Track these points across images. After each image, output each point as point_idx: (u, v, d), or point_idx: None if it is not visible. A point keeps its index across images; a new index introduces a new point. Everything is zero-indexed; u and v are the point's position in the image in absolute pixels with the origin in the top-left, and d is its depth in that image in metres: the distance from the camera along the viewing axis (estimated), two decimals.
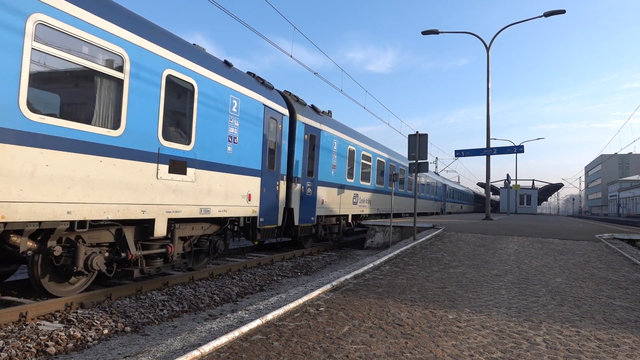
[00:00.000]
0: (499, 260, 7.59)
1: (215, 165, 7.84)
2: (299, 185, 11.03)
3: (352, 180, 14.82)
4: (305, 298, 4.59)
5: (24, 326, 4.91)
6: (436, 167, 51.86)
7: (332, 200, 13.26)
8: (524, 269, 6.84)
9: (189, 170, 7.20)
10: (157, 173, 6.52)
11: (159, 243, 7.05)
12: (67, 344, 4.53)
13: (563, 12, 18.88)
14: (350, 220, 15.00)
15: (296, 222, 10.98)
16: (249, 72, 9.55)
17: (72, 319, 5.23)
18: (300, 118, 11.16)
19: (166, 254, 7.12)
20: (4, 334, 4.64)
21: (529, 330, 3.76)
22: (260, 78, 9.73)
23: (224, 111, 8.12)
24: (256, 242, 10.66)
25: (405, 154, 20.35)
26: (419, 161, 11.37)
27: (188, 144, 7.20)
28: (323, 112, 13.30)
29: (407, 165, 21.79)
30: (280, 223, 10.33)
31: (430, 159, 61.02)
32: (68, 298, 5.68)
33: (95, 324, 5.14)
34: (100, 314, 5.50)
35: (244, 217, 9.06)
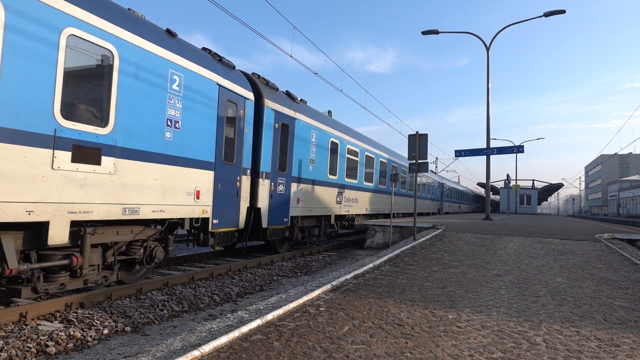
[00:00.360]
0: (499, 260, 7.59)
1: (146, 154, 6.39)
2: (267, 182, 9.69)
3: (335, 177, 13.44)
4: (305, 298, 4.59)
5: (24, 326, 4.91)
6: (436, 167, 51.86)
7: (311, 199, 11.88)
8: (524, 269, 6.84)
9: (106, 159, 5.73)
10: (53, 162, 5.06)
11: (62, 253, 5.58)
12: (67, 344, 4.53)
13: (563, 12, 18.88)
14: (333, 221, 13.65)
15: (264, 224, 9.63)
16: (204, 48, 8.31)
17: (72, 319, 5.23)
18: (269, 104, 9.73)
19: (70, 266, 5.54)
20: (4, 334, 4.64)
21: (529, 330, 3.76)
22: (217, 55, 8.37)
23: (160, 88, 6.63)
24: (217, 248, 9.72)
25: (398, 151, 19.97)
26: (419, 161, 11.37)
27: (104, 126, 5.72)
28: (302, 100, 12.03)
29: (401, 163, 21.07)
30: (242, 225, 8.90)
31: (430, 159, 61.03)
32: (68, 298, 5.68)
33: (95, 324, 5.14)
34: (100, 314, 5.50)
35: (191, 219, 7.61)
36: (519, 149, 21.78)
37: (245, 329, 3.52)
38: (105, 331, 4.99)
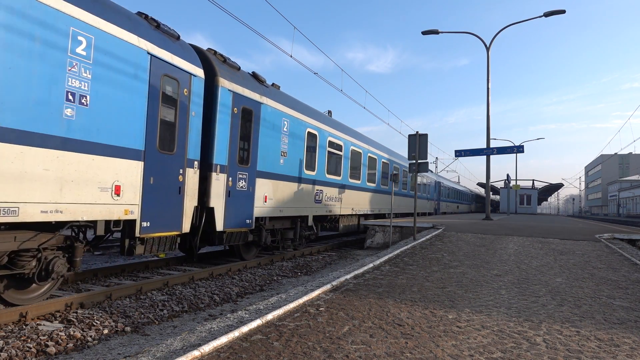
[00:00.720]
0: (499, 260, 7.59)
1: (31, 136, 4.86)
2: (223, 176, 8.16)
3: (313, 173, 11.91)
4: (305, 298, 4.59)
5: (24, 326, 4.91)
6: (436, 167, 51.88)
7: (282, 198, 10.39)
8: (524, 269, 6.84)
9: None
10: None
11: None
12: (67, 344, 4.53)
13: (563, 12, 18.88)
14: (311, 222, 12.09)
15: (219, 227, 8.07)
16: (139, 13, 6.87)
17: (72, 319, 5.23)
18: (224, 83, 8.17)
19: None
20: (4, 334, 4.64)
21: (529, 330, 3.76)
22: (155, 21, 6.92)
23: (56, 49, 5.11)
24: (162, 255, 7.77)
25: (396, 150, 19.39)
26: (419, 161, 11.37)
27: None
28: (273, 85, 10.68)
29: (394, 160, 19.97)
30: (186, 229, 7.30)
31: (430, 159, 61.06)
32: (68, 298, 5.68)
33: (95, 324, 5.14)
34: (100, 314, 5.50)
35: (108, 221, 6.08)
36: (519, 149, 21.78)
37: (245, 329, 3.52)
38: (105, 331, 4.99)
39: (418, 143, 11.30)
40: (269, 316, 3.87)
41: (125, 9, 6.46)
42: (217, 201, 8.08)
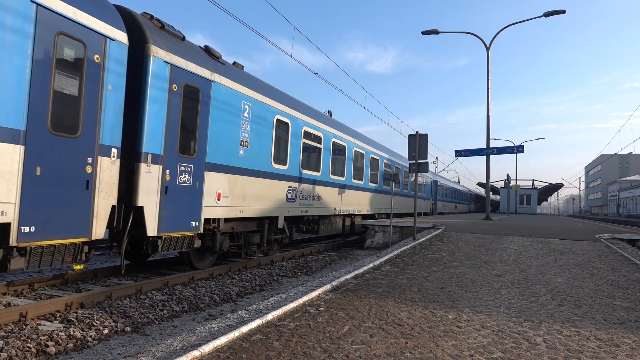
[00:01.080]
0: (499, 260, 7.59)
1: None
2: (157, 168, 6.71)
3: (284, 167, 10.40)
4: (305, 298, 4.59)
5: (24, 326, 4.91)
6: (436, 167, 51.90)
7: (243, 195, 8.80)
8: (524, 269, 6.84)
9: None
10: None
11: None
12: (67, 344, 4.53)
13: (563, 12, 18.88)
14: (282, 224, 10.46)
15: (151, 231, 6.63)
16: None
17: (72, 319, 5.23)
18: (159, 53, 6.73)
19: None
20: (4, 334, 4.64)
21: (529, 330, 3.76)
22: None
23: None
24: (78, 267, 5.78)
25: (392, 148, 18.69)
26: (419, 161, 11.37)
27: None
28: (235, 64, 9.23)
29: (385, 156, 18.50)
30: (98, 234, 5.85)
31: (430, 159, 61.05)
32: (68, 298, 5.68)
33: (95, 324, 5.14)
34: (100, 314, 5.50)
35: None
36: (519, 149, 21.78)
37: (245, 329, 3.52)
38: (105, 331, 4.99)
39: (418, 143, 11.30)
40: (269, 316, 3.87)
41: None
42: (149, 199, 6.58)
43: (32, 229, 5.07)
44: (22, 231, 4.97)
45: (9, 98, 4.77)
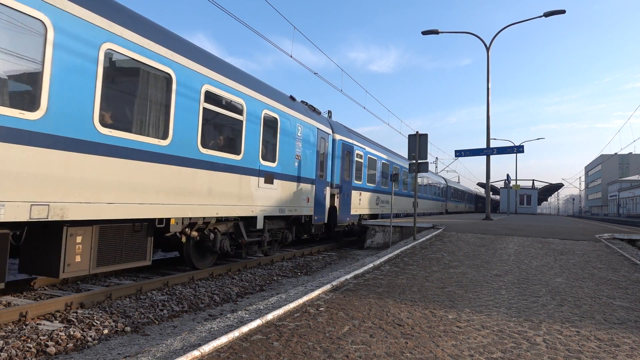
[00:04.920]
0: (499, 260, 7.59)
1: None
2: None
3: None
4: (305, 298, 4.59)
5: (24, 326, 4.91)
6: (436, 167, 51.92)
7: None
8: (524, 269, 6.84)
9: None
10: None
11: None
12: (67, 344, 4.53)
13: (563, 12, 18.88)
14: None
15: None
16: None
17: (72, 318, 5.23)
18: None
19: None
20: (4, 334, 4.64)
21: (529, 330, 3.76)
22: None
23: None
24: None
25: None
26: (419, 161, 11.37)
27: None
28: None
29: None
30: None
31: (430, 159, 61.07)
32: (68, 298, 5.68)
33: (95, 324, 5.14)
34: (100, 314, 5.50)
35: None
36: (519, 149, 21.78)
37: (245, 329, 3.52)
38: (105, 331, 4.99)
39: (418, 143, 11.30)
40: (269, 316, 3.87)
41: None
42: None
43: None
44: None
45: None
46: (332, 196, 13.43)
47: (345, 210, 14.06)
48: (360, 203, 15.68)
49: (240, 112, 8.70)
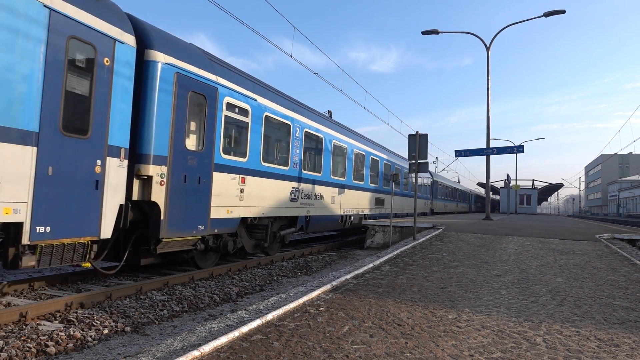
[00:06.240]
0: (499, 260, 7.59)
1: None
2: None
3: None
4: (305, 298, 4.59)
5: (24, 326, 4.91)
6: (436, 167, 51.91)
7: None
8: (524, 269, 6.84)
9: None
10: None
11: None
12: (67, 344, 4.53)
13: (563, 12, 18.88)
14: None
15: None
16: None
17: (72, 319, 5.23)
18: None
19: None
20: (4, 334, 4.64)
21: (529, 330, 3.76)
22: None
23: None
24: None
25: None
26: (419, 161, 11.37)
27: None
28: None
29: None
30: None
31: (430, 159, 61.03)
32: (68, 298, 5.68)
33: (95, 324, 5.14)
34: (100, 314, 5.50)
35: None
36: (519, 149, 21.78)
37: (245, 329, 3.52)
38: (105, 331, 4.99)
39: (418, 143, 11.29)
40: (269, 316, 3.87)
41: None
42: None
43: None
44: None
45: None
46: (144, 181, 6.87)
47: (191, 209, 7.60)
48: (245, 195, 9.16)
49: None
